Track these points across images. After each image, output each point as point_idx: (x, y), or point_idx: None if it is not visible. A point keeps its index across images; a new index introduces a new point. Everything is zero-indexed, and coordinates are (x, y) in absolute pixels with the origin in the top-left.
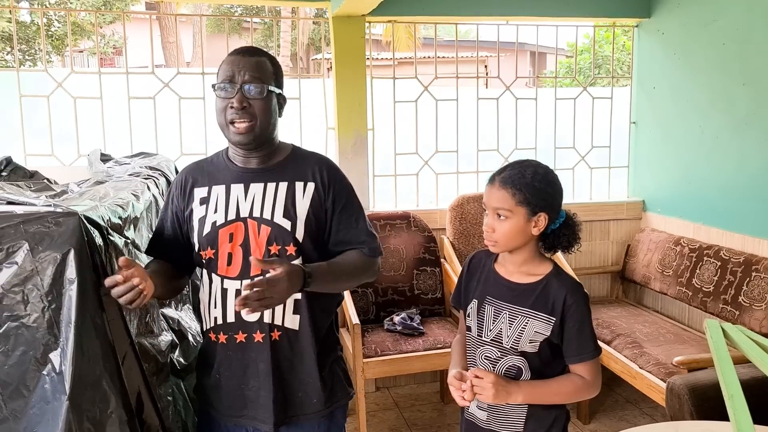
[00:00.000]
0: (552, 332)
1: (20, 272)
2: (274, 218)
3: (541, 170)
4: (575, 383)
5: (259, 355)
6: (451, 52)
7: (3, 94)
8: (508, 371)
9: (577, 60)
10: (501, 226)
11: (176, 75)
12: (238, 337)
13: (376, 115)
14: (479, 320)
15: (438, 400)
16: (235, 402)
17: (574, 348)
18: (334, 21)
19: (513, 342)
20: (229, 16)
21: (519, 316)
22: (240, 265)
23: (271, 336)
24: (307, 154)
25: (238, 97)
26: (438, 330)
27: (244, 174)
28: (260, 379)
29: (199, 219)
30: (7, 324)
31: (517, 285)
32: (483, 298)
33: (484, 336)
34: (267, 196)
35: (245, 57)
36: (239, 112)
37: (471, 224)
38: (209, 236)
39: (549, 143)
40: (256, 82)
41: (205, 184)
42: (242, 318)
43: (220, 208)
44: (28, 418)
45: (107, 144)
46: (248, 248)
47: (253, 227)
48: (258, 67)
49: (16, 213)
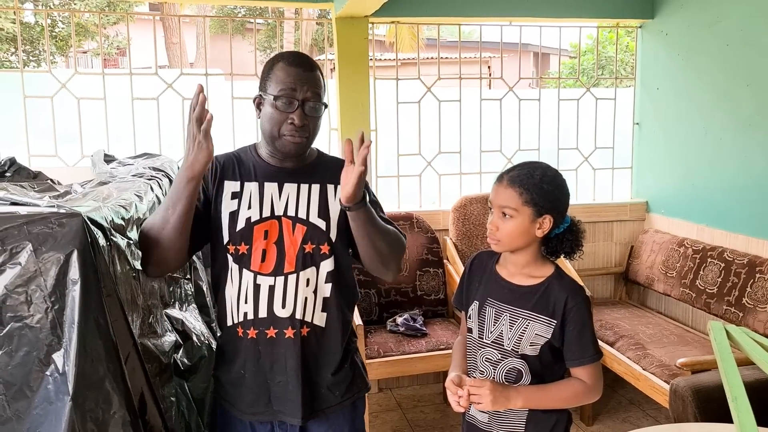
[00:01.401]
0: (553, 335)
1: (24, 273)
2: (310, 218)
3: (551, 173)
4: (575, 388)
5: (288, 350)
6: (454, 52)
7: (7, 95)
8: (508, 374)
9: (581, 61)
10: (505, 225)
11: (180, 76)
12: (269, 333)
13: (378, 116)
14: (480, 322)
15: (441, 401)
16: (260, 397)
17: (574, 351)
18: (338, 22)
19: (514, 344)
20: (233, 17)
21: (520, 319)
22: (274, 262)
23: (301, 332)
24: (332, 159)
25: (299, 113)
26: (441, 331)
27: (277, 173)
28: (288, 374)
29: (231, 213)
30: (10, 324)
31: (518, 287)
32: (484, 299)
33: (485, 338)
34: (301, 197)
35: (306, 71)
36: (298, 130)
37: (474, 225)
38: (243, 232)
39: (552, 144)
40: (317, 100)
41: (236, 178)
42: (274, 313)
43: (254, 205)
44: (31, 418)
45: (111, 145)
46: (282, 246)
47: (287, 225)
48: (317, 84)
49: (20, 214)
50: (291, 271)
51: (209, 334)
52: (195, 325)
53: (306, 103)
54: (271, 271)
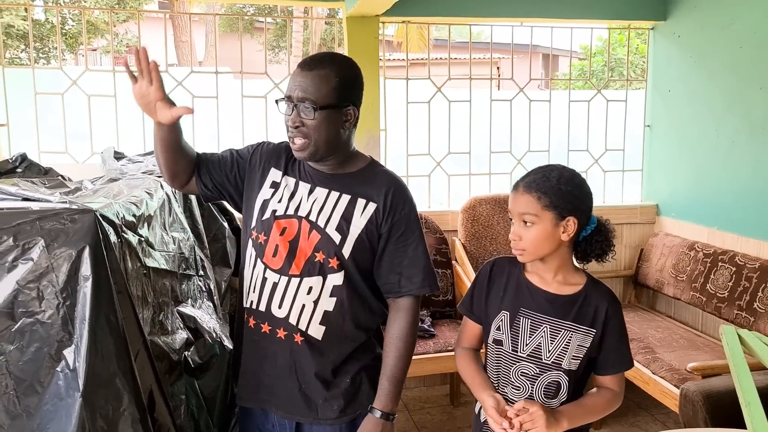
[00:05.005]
0: (591, 345)
1: (36, 269)
2: (326, 228)
3: (567, 173)
4: (606, 397)
5: (279, 350)
6: (462, 53)
7: (18, 92)
8: (547, 389)
9: (591, 62)
10: (528, 233)
11: (189, 74)
12: (264, 327)
13: (388, 116)
14: (513, 334)
15: (448, 402)
16: (250, 383)
17: (613, 360)
18: (348, 21)
19: (555, 357)
20: (242, 16)
21: (562, 331)
22: (283, 259)
23: (293, 337)
24: (380, 172)
25: (293, 117)
26: (449, 332)
27: (315, 175)
28: (277, 370)
29: (263, 201)
30: (22, 320)
31: (556, 296)
32: (516, 309)
33: (520, 350)
34: (327, 204)
35: (304, 71)
36: (293, 131)
37: (483, 226)
38: (266, 223)
39: (562, 146)
40: (308, 101)
41: (280, 168)
42: (271, 311)
43: (284, 200)
44: (41, 414)
45: (120, 142)
46: (296, 247)
47: (305, 229)
48: (314, 84)
49: (32, 209)
50: (296, 274)
51: (222, 332)
52: (207, 322)
53: (299, 104)
54: (279, 268)
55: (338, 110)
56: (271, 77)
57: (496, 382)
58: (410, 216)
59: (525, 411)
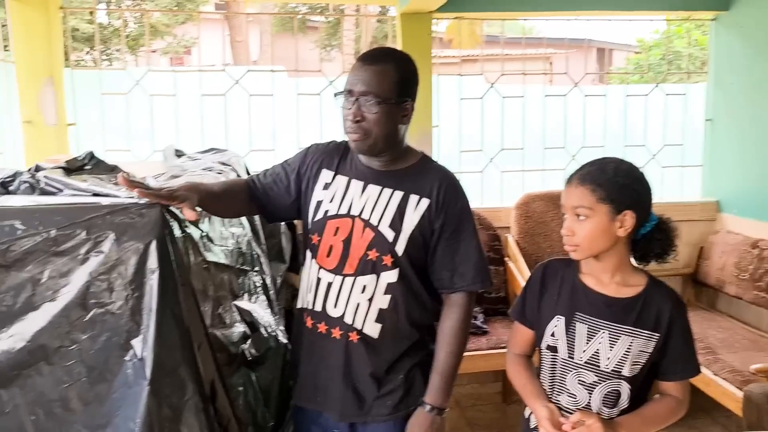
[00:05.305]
0: (654, 350)
1: (106, 261)
2: (380, 226)
3: (625, 166)
4: (670, 406)
5: (334, 350)
6: (513, 49)
7: (85, 93)
8: (606, 398)
9: (648, 56)
10: (581, 228)
11: (246, 72)
12: (320, 327)
13: (440, 113)
14: (569, 339)
15: (500, 400)
16: (307, 384)
17: (678, 366)
18: (402, 18)
19: (615, 365)
20: (296, 15)
21: (622, 336)
22: (337, 259)
23: (348, 336)
24: (432, 168)
25: (354, 110)
26: (501, 329)
27: (367, 172)
28: (331, 371)
29: (317, 202)
30: (93, 310)
31: (615, 299)
32: (571, 314)
33: (576, 358)
34: (379, 202)
35: (365, 65)
36: (353, 126)
37: (537, 223)
38: (318, 223)
39: (618, 141)
40: (371, 96)
41: (332, 169)
42: (326, 311)
43: (336, 200)
44: (111, 401)
45: (180, 140)
46: (349, 246)
47: (358, 227)
48: (376, 78)
49: (103, 204)
50: (350, 274)
51: (277, 326)
52: (263, 316)
53: (361, 98)
54: (333, 268)
55: (397, 105)
56: (326, 75)
57: (550, 390)
58: (463, 211)
59: (581, 423)
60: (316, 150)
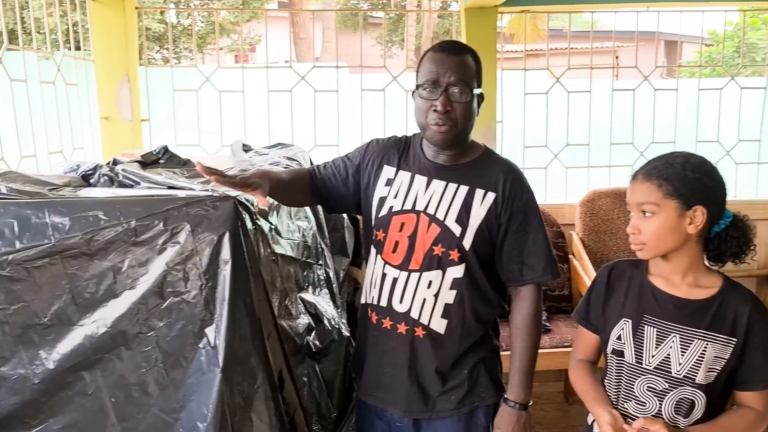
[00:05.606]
0: (731, 356)
1: (182, 251)
2: (446, 220)
3: (694, 159)
4: (748, 419)
5: (399, 345)
6: (578, 43)
7: (156, 89)
8: (678, 406)
9: (722, 48)
10: (647, 225)
11: (312, 68)
12: (385, 323)
13: (504, 108)
14: (637, 344)
15: (562, 400)
16: (370, 379)
17: (757, 374)
18: (466, 13)
19: (687, 371)
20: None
21: (695, 340)
22: (403, 255)
23: (414, 331)
24: (496, 161)
25: (442, 100)
26: (565, 328)
27: (430, 167)
28: (396, 367)
29: (380, 198)
30: (170, 299)
31: (686, 301)
32: (639, 317)
33: (645, 363)
34: (445, 197)
35: (450, 56)
36: (442, 117)
37: (602, 220)
38: (383, 219)
39: (689, 137)
40: (461, 85)
41: (393, 164)
42: (392, 306)
43: (400, 195)
44: (186, 387)
45: (247, 135)
46: (414, 242)
47: (423, 222)
48: (463, 68)
49: (179, 196)
50: (415, 269)
51: (340, 319)
52: (327, 309)
53: (450, 88)
54: (399, 264)
55: (477, 95)
56: (390, 71)
57: (616, 396)
58: (529, 204)
59: (645, 431)
60: (377, 145)
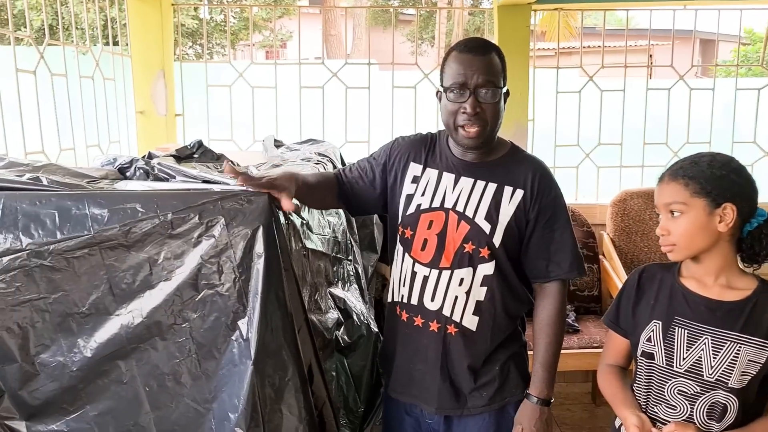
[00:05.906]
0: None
1: (217, 245)
2: (476, 218)
3: (721, 158)
4: None
5: (431, 343)
6: (612, 41)
7: (190, 85)
8: (711, 410)
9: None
10: (676, 225)
11: (344, 65)
12: (416, 321)
13: (536, 106)
14: (667, 346)
15: (589, 401)
16: (401, 377)
17: None
18: (499, 10)
19: (720, 374)
20: (388, 8)
21: (728, 343)
22: (432, 252)
23: (446, 328)
24: (523, 158)
25: (471, 102)
26: (594, 329)
27: (458, 165)
28: (428, 364)
29: (407, 196)
30: (204, 291)
31: (720, 303)
32: (670, 318)
33: (676, 366)
34: (474, 194)
35: (477, 56)
36: (471, 119)
37: (634, 221)
38: (411, 217)
39: (725, 137)
40: (490, 86)
41: (420, 162)
42: (423, 304)
43: (428, 193)
44: (218, 378)
45: (279, 130)
46: (444, 239)
47: (453, 220)
48: (491, 68)
49: (214, 190)
50: (446, 267)
51: (368, 314)
52: (356, 304)
53: (478, 89)
54: (428, 261)
55: (504, 93)
56: (421, 68)
57: (646, 400)
58: (556, 200)
59: None
60: (402, 143)
